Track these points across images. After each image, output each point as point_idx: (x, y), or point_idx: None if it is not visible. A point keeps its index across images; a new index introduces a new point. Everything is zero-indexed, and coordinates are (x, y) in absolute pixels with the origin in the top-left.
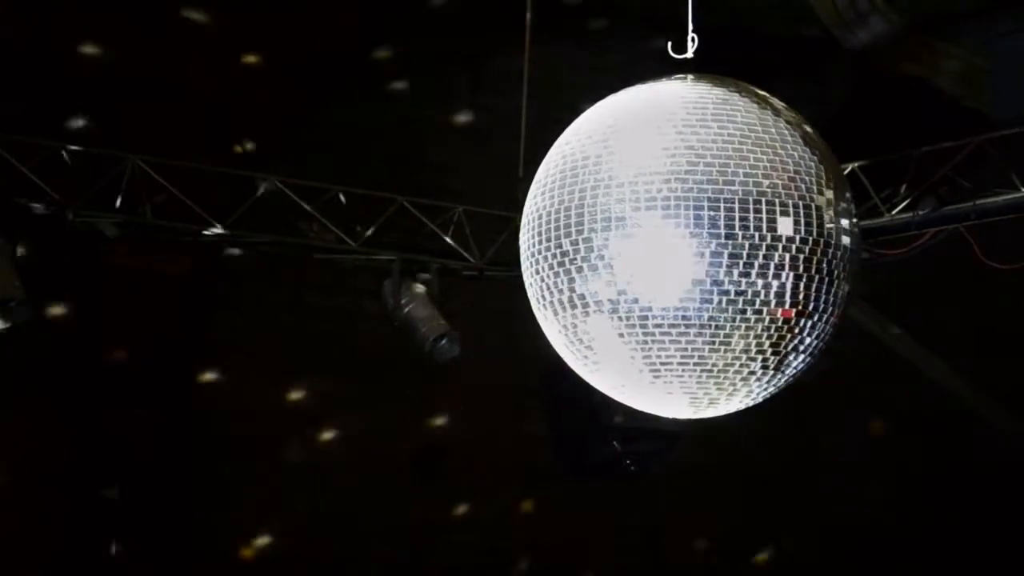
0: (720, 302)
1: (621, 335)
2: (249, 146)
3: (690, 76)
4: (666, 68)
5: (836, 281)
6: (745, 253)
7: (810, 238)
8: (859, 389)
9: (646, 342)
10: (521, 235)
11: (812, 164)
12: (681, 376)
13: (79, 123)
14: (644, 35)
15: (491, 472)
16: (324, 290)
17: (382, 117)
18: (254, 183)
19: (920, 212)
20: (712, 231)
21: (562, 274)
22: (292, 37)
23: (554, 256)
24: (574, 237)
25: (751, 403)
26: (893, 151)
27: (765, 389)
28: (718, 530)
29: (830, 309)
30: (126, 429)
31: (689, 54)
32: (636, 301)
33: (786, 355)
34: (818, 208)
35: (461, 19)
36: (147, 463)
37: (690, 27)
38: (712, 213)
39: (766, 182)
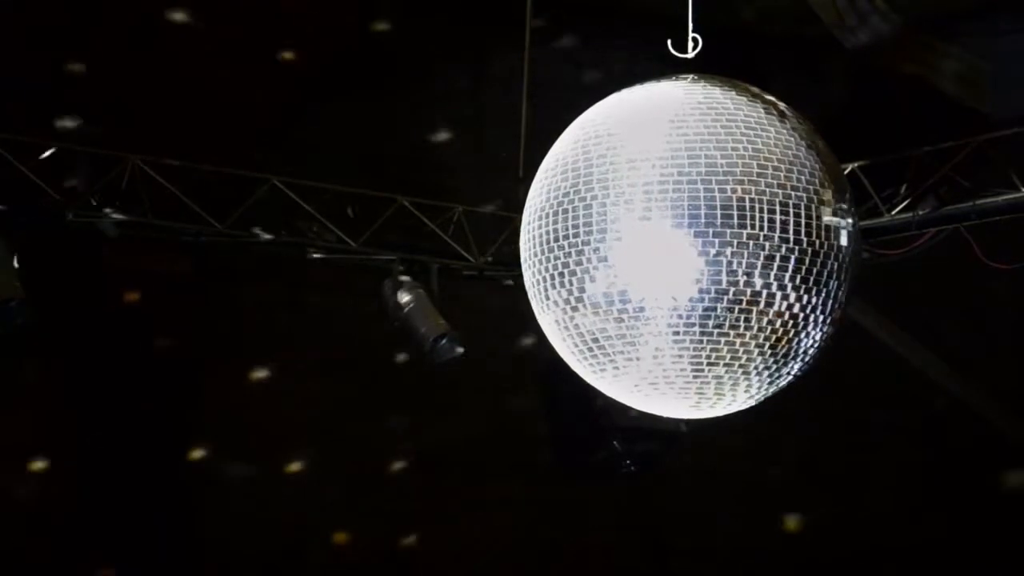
0: (722, 302)
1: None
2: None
3: (691, 76)
4: (666, 68)
5: (836, 281)
6: (747, 253)
7: (810, 238)
8: (859, 389)
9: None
10: (523, 235)
11: (812, 164)
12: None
13: (79, 123)
14: (644, 35)
15: (491, 472)
16: (324, 290)
17: (382, 117)
18: (254, 183)
19: (920, 212)
20: (714, 232)
21: (567, 275)
22: (292, 37)
23: (557, 257)
24: (582, 238)
25: (752, 403)
26: (893, 151)
27: (766, 389)
28: (718, 530)
29: (830, 309)
30: (126, 429)
31: (692, 54)
32: (637, 302)
33: (787, 355)
34: (818, 208)
35: (461, 18)
36: (144, 462)
37: (690, 27)
38: (714, 213)
39: (767, 182)
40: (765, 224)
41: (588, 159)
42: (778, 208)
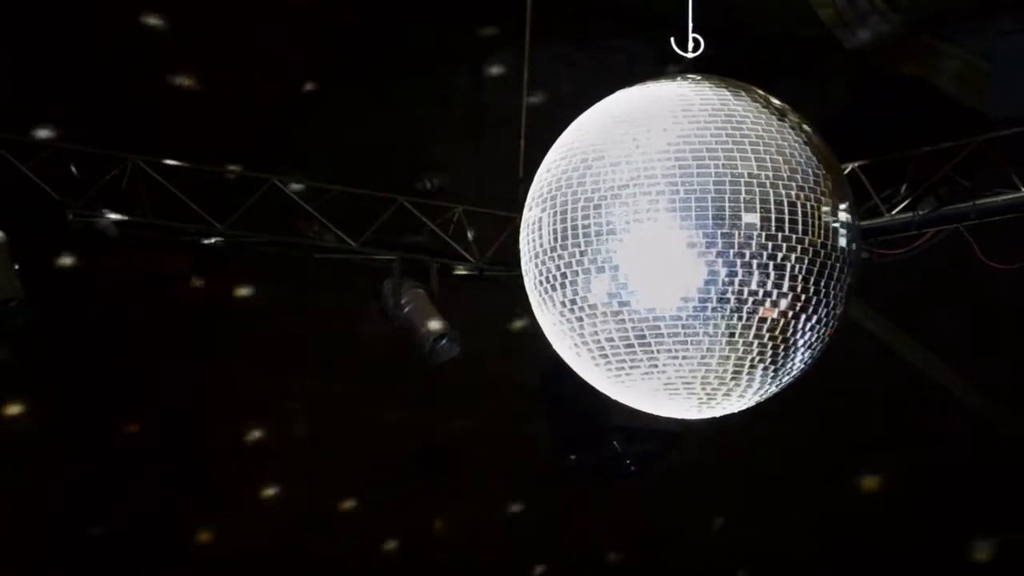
0: (722, 302)
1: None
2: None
3: (690, 76)
4: (666, 69)
5: (836, 281)
6: (746, 253)
7: (810, 238)
8: (859, 389)
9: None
10: (522, 236)
11: (812, 164)
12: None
13: (80, 123)
14: (644, 35)
15: (491, 472)
16: (324, 290)
17: (382, 117)
18: (253, 184)
19: (920, 212)
20: (714, 232)
21: (563, 277)
22: (292, 37)
23: (552, 260)
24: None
25: (752, 403)
26: (893, 151)
27: (766, 389)
28: (717, 530)
29: (830, 309)
30: (125, 429)
31: (693, 54)
32: (636, 303)
33: (787, 355)
34: (818, 208)
35: (461, 18)
36: (145, 463)
37: (690, 27)
38: (713, 214)
39: (767, 183)
40: (767, 224)
41: (647, 155)
42: (777, 208)
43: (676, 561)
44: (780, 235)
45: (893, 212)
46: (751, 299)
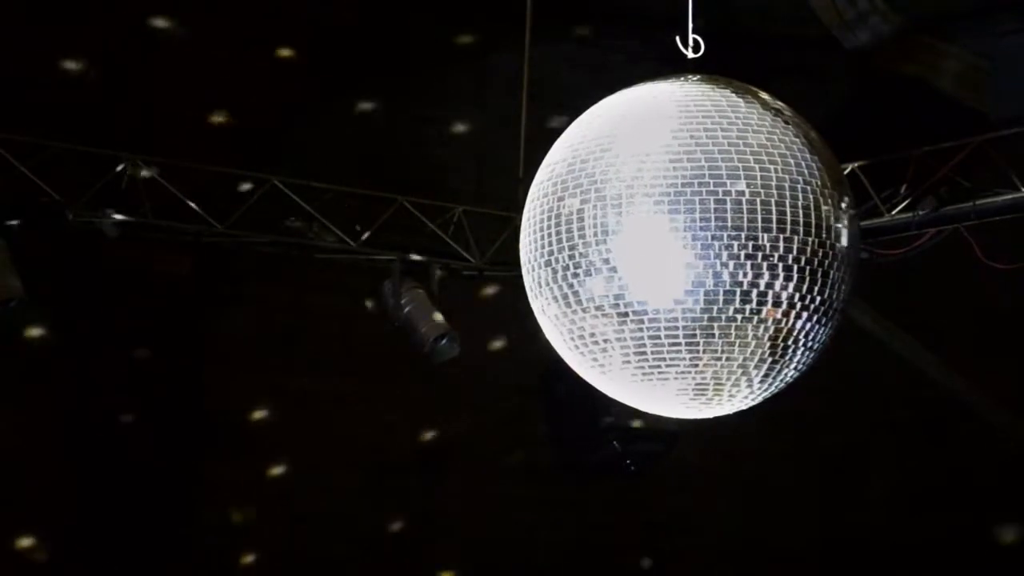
0: (721, 302)
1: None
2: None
3: (690, 76)
4: (665, 69)
5: (836, 281)
6: (746, 253)
7: (810, 238)
8: (859, 389)
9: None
10: (522, 236)
11: (812, 164)
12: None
13: (79, 123)
14: (644, 35)
15: (491, 472)
16: (324, 290)
17: (382, 117)
18: (253, 184)
19: (920, 212)
20: (713, 231)
21: (611, 271)
22: (291, 37)
23: (598, 253)
24: (575, 240)
25: (752, 403)
26: (893, 151)
27: (766, 389)
28: (718, 530)
29: (830, 309)
30: (125, 429)
31: (695, 54)
32: (637, 301)
33: (786, 355)
34: (818, 208)
35: (461, 19)
36: (146, 463)
37: (690, 27)
38: (713, 213)
39: (766, 182)
40: (767, 224)
41: (708, 153)
42: (777, 208)
43: (677, 560)
44: (796, 237)
45: (893, 212)
46: (799, 303)
